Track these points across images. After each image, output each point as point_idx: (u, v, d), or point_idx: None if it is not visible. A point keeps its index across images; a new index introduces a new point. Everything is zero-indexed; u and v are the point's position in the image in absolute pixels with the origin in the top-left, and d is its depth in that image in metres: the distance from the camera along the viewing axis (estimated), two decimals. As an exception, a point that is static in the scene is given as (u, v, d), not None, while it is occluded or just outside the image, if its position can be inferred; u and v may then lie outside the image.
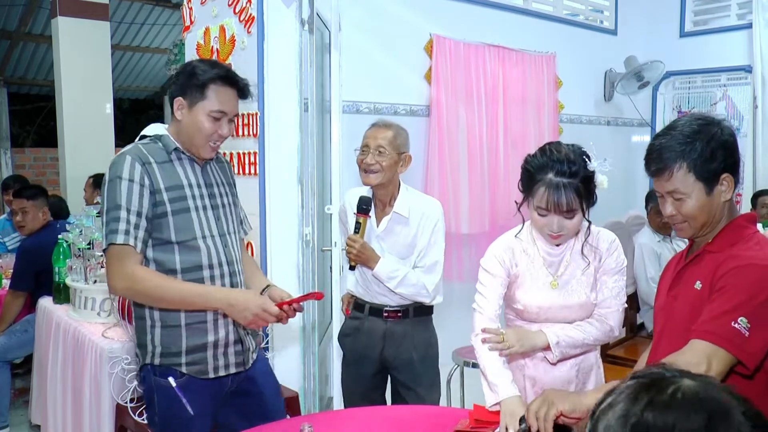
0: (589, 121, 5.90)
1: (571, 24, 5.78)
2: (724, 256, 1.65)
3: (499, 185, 5.02)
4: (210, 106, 2.01)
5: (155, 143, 2.05)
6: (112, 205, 1.91)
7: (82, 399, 2.89)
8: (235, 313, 1.95)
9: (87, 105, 6.56)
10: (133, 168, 1.93)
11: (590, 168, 1.95)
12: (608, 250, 2.08)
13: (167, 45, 9.16)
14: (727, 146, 1.66)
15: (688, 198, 1.69)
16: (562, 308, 2.09)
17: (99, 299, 3.15)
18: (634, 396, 0.91)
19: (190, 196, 2.03)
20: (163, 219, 1.97)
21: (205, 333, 2.05)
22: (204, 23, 3.33)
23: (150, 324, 2.04)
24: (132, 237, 1.90)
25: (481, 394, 2.04)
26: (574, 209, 1.94)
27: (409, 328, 2.70)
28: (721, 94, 6.34)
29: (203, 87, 2.00)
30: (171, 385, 2.02)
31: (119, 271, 1.92)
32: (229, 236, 2.14)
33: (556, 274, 2.09)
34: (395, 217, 2.65)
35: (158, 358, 2.04)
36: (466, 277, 4.88)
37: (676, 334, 1.73)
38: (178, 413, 2.03)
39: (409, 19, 4.50)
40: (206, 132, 2.02)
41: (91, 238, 3.27)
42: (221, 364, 2.09)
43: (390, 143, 2.60)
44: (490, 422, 1.91)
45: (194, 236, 2.02)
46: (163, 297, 1.94)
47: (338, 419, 2.17)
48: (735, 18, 6.01)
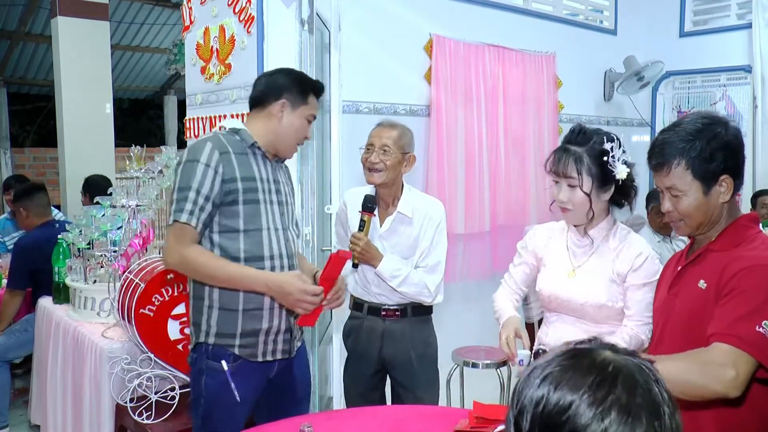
0: (588, 121, 5.89)
1: (571, 24, 5.78)
2: (729, 256, 1.64)
3: (499, 185, 5.02)
4: (309, 110, 2.23)
5: (233, 135, 2.17)
6: (185, 185, 2.03)
7: (81, 399, 2.89)
8: (279, 297, 2.06)
9: (87, 105, 6.55)
10: (212, 154, 2.05)
11: (605, 147, 1.98)
12: (636, 262, 2.05)
13: (167, 45, 9.17)
14: (729, 147, 1.66)
15: (684, 196, 1.69)
16: (572, 301, 2.11)
17: (99, 299, 3.15)
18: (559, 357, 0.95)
19: (261, 189, 2.15)
20: (234, 207, 2.08)
21: (260, 320, 2.15)
22: (204, 23, 3.33)
23: (208, 305, 2.14)
24: (195, 218, 2.02)
25: (480, 393, 2.04)
26: (573, 177, 2.01)
27: (408, 327, 2.71)
28: (720, 94, 6.34)
29: (305, 94, 2.22)
30: (223, 369, 2.11)
31: (175, 247, 2.03)
32: (290, 231, 2.26)
33: (576, 265, 2.14)
34: (399, 217, 2.66)
35: (213, 338, 2.13)
36: (465, 278, 4.88)
37: (678, 332, 1.74)
38: (225, 399, 2.11)
39: (408, 19, 4.50)
40: (301, 133, 2.24)
41: (91, 238, 3.26)
42: (270, 349, 2.19)
43: (395, 143, 2.61)
44: (490, 420, 1.91)
45: (260, 227, 2.13)
46: (209, 275, 2.05)
47: (338, 419, 2.17)
48: (735, 18, 6.01)
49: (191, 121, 3.51)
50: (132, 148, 3.41)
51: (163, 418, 2.58)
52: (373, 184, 2.65)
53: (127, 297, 2.70)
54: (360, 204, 2.66)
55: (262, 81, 2.27)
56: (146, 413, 2.58)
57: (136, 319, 2.63)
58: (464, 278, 4.86)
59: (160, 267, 2.73)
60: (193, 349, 2.18)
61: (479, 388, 3.40)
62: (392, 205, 2.68)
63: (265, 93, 2.22)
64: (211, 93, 3.32)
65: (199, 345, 2.15)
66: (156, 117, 12.54)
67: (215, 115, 3.30)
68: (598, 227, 2.12)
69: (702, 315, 1.65)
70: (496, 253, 5.09)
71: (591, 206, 2.04)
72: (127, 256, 3.04)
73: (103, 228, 3.23)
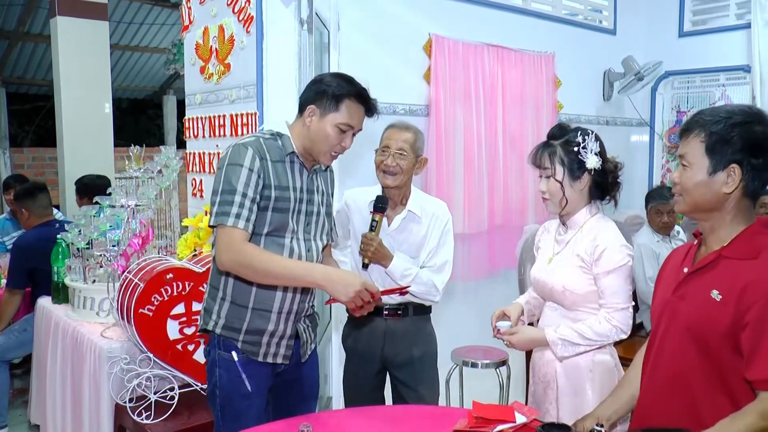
0: (588, 120, 5.89)
1: (570, 24, 5.78)
2: (749, 271, 1.60)
3: (497, 185, 5.02)
4: (341, 118, 2.13)
5: (275, 140, 2.15)
6: (228, 188, 2.01)
7: (81, 399, 2.90)
8: (338, 288, 1.99)
9: (86, 104, 6.55)
10: (254, 160, 2.04)
11: (578, 139, 2.18)
12: (595, 253, 2.17)
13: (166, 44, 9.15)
14: (752, 141, 1.62)
15: (690, 168, 1.68)
16: (547, 286, 2.27)
17: (98, 299, 3.15)
18: None
19: (292, 199, 2.13)
20: (264, 212, 2.08)
21: (267, 321, 2.15)
22: (203, 23, 3.33)
23: (221, 296, 2.16)
24: (243, 220, 2.00)
25: (479, 393, 2.05)
26: (548, 167, 2.21)
27: (409, 326, 2.72)
28: (719, 94, 6.34)
29: (338, 100, 2.12)
30: (234, 359, 2.13)
31: (228, 247, 2.00)
32: (314, 241, 2.22)
33: (555, 252, 2.30)
34: (410, 215, 2.67)
35: (220, 329, 2.15)
36: (464, 277, 4.88)
37: (683, 336, 1.71)
38: (239, 388, 2.13)
39: (408, 19, 4.50)
40: (332, 141, 2.14)
41: (90, 238, 3.26)
42: (272, 352, 2.18)
43: (410, 146, 2.63)
44: (489, 420, 1.91)
45: (283, 234, 2.13)
46: (268, 270, 2.00)
47: (337, 419, 2.17)
48: (734, 18, 6.01)
49: (190, 120, 3.51)
50: (131, 148, 3.41)
51: (163, 418, 2.59)
52: (386, 186, 2.64)
53: (126, 297, 2.70)
54: (364, 205, 2.67)
55: (308, 84, 2.23)
56: (145, 413, 2.59)
57: (135, 319, 2.63)
58: (463, 278, 4.86)
59: (159, 267, 2.73)
60: (209, 341, 2.20)
61: (478, 387, 3.40)
62: (401, 204, 2.69)
63: (304, 97, 2.18)
64: (211, 93, 3.32)
65: (211, 335, 2.18)
66: (155, 117, 12.53)
67: (214, 114, 3.30)
68: (574, 218, 2.25)
69: (714, 326, 1.63)
70: (494, 252, 5.10)
71: (564, 194, 2.20)
72: (127, 256, 3.05)
73: (102, 228, 3.24)
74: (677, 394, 1.73)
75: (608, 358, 2.24)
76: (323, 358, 3.41)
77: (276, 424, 2.06)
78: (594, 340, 2.15)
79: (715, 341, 1.63)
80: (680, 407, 1.72)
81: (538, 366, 2.33)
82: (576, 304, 2.22)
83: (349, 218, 2.76)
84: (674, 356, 1.74)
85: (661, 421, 1.75)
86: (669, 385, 1.75)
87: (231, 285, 2.14)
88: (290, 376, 2.28)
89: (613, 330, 2.15)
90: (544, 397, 2.29)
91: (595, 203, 2.27)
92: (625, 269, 2.16)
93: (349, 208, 2.77)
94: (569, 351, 2.17)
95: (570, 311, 2.24)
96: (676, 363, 1.73)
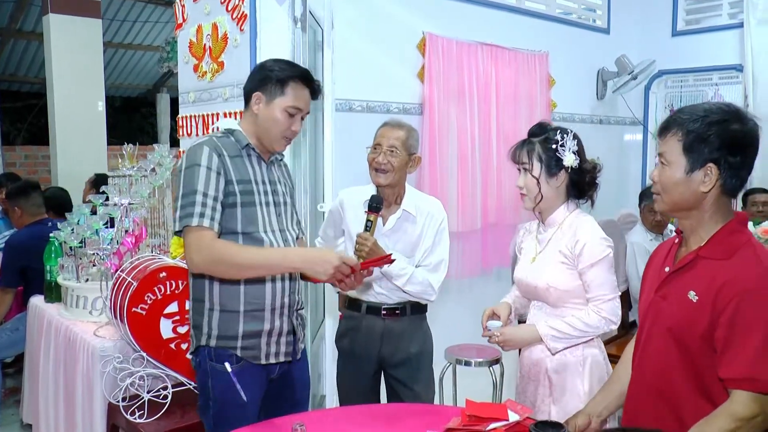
0: (581, 119, 5.91)
1: (564, 23, 5.79)
2: (723, 271, 1.61)
3: (491, 183, 5.03)
4: (288, 102, 2.12)
5: (228, 137, 2.14)
6: (189, 190, 2.00)
7: (74, 398, 2.89)
8: (316, 267, 1.97)
9: (79, 102, 6.53)
10: (211, 158, 2.02)
11: (556, 137, 2.20)
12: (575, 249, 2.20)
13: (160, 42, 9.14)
14: (729, 140, 1.62)
15: (668, 167, 1.69)
16: (530, 285, 2.29)
17: (91, 298, 3.14)
18: None
19: (257, 191, 2.12)
20: (232, 209, 2.06)
21: (261, 321, 2.13)
22: (196, 21, 3.32)
23: (208, 307, 2.11)
24: (207, 218, 1.98)
25: (472, 391, 2.05)
26: (525, 163, 2.24)
27: (407, 325, 2.72)
28: (712, 93, 6.37)
29: (283, 84, 2.11)
30: (227, 370, 2.09)
31: (198, 247, 1.96)
32: (288, 232, 2.22)
33: (537, 251, 2.32)
34: (404, 215, 2.66)
35: (214, 341, 2.11)
36: (458, 275, 4.89)
37: (662, 336, 1.73)
38: (233, 399, 2.10)
39: (401, 17, 4.50)
40: (282, 126, 2.13)
41: (83, 236, 3.25)
42: (272, 351, 2.17)
43: (402, 143, 2.62)
44: (482, 418, 1.91)
45: (257, 229, 2.11)
46: (242, 261, 1.97)
47: (330, 417, 2.17)
48: (726, 17, 6.04)
49: (184, 119, 3.50)
50: (124, 146, 3.40)
51: (156, 417, 2.58)
52: (379, 185, 2.63)
53: (119, 295, 2.69)
54: (358, 204, 2.66)
55: (251, 72, 2.22)
56: (138, 412, 2.58)
57: (128, 318, 2.62)
58: (456, 276, 4.87)
59: (152, 265, 2.72)
60: (195, 353, 2.16)
61: (472, 385, 3.41)
62: (395, 203, 2.68)
63: (249, 86, 2.17)
64: (204, 91, 3.31)
65: (201, 348, 2.13)
66: (149, 115, 12.51)
67: (208, 113, 3.29)
68: (552, 216, 2.29)
69: (691, 327, 1.64)
70: (488, 250, 5.11)
71: (540, 190, 2.24)
72: (120, 255, 3.03)
73: (95, 226, 3.22)
74: (661, 394, 1.75)
75: (597, 351, 2.28)
76: (316, 356, 3.41)
77: (269, 423, 2.06)
78: (585, 331, 2.19)
79: (694, 342, 1.64)
80: (664, 407, 1.74)
81: (527, 365, 2.34)
82: (561, 300, 2.24)
83: (343, 218, 2.75)
84: (657, 356, 1.75)
85: (647, 420, 1.76)
86: (653, 384, 1.77)
87: (217, 292, 2.10)
88: (283, 381, 2.26)
89: (603, 321, 2.18)
90: (535, 394, 2.30)
91: (572, 201, 2.30)
92: (607, 260, 2.20)
93: (343, 208, 2.75)
94: (561, 343, 2.20)
95: (555, 308, 2.26)
96: (659, 363, 1.75)
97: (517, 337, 2.26)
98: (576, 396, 2.20)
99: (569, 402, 2.20)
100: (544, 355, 2.26)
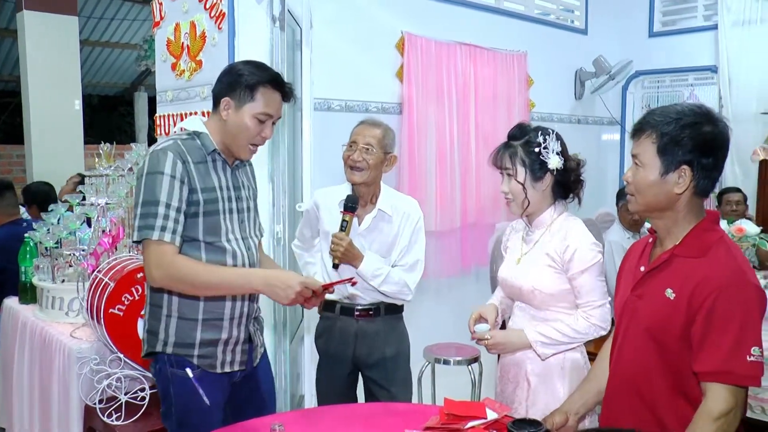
0: (560, 119, 5.96)
1: (542, 23, 5.83)
2: (699, 269, 1.64)
3: (469, 183, 5.05)
4: (258, 108, 2.04)
5: (193, 140, 2.05)
6: (151, 199, 1.92)
7: (49, 400, 2.85)
8: (278, 291, 1.94)
9: (55, 101, 6.46)
10: (175, 165, 1.94)
11: (538, 139, 2.15)
12: (565, 255, 2.17)
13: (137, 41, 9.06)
14: (702, 142, 1.64)
15: (642, 168, 1.71)
16: (515, 287, 2.26)
17: (67, 299, 3.10)
18: None
19: (221, 199, 2.06)
20: (195, 218, 1.99)
21: (219, 330, 2.08)
22: (174, 19, 3.30)
23: (166, 313, 2.06)
24: (169, 232, 1.91)
25: (451, 390, 2.06)
26: (509, 168, 2.19)
27: (381, 326, 2.71)
28: (688, 94, 6.45)
29: (252, 89, 2.03)
30: (188, 376, 2.04)
31: (158, 262, 1.92)
32: (251, 239, 2.17)
33: (523, 252, 2.28)
34: (380, 214, 2.66)
35: (171, 348, 2.05)
36: (437, 275, 4.91)
37: (639, 336, 1.75)
38: (196, 405, 2.05)
39: (380, 17, 4.50)
40: (251, 133, 2.05)
41: (59, 237, 3.22)
42: (228, 360, 2.12)
43: (378, 142, 2.61)
44: (461, 417, 1.92)
45: (220, 238, 2.05)
46: (203, 282, 1.93)
47: (309, 418, 2.17)
48: (702, 19, 6.11)
49: (162, 118, 3.47)
50: (101, 145, 3.37)
51: (133, 419, 2.56)
52: (354, 183, 2.63)
53: (96, 296, 2.67)
54: (333, 204, 2.65)
55: (220, 75, 2.11)
56: (116, 414, 2.56)
57: (105, 319, 2.60)
58: (435, 275, 4.89)
59: (130, 266, 2.70)
60: (154, 359, 2.10)
61: (451, 384, 3.42)
62: (371, 203, 2.68)
63: (217, 89, 2.08)
64: (182, 90, 3.29)
65: (159, 355, 2.07)
66: (126, 114, 12.39)
67: (186, 112, 3.27)
68: (540, 218, 2.25)
69: (669, 324, 1.66)
70: (467, 250, 5.13)
71: (526, 196, 2.19)
72: (96, 255, 3.00)
73: (71, 226, 3.19)
74: (639, 393, 1.76)
75: (579, 356, 2.26)
76: (295, 356, 3.40)
77: (247, 424, 2.05)
78: (574, 337, 2.17)
79: (672, 340, 1.67)
80: (642, 406, 1.76)
81: (507, 367, 2.33)
82: (545, 303, 2.22)
83: (319, 218, 2.74)
84: (634, 355, 1.77)
85: (625, 419, 1.78)
86: (631, 384, 1.79)
87: (176, 300, 2.04)
88: (246, 386, 2.22)
89: (592, 327, 2.16)
90: (513, 396, 2.29)
91: (560, 202, 2.26)
92: (597, 267, 2.18)
93: (319, 208, 2.75)
94: (550, 350, 2.18)
95: (539, 311, 2.24)
96: (637, 362, 1.76)
97: (507, 343, 2.22)
98: (555, 399, 2.19)
99: (548, 405, 2.20)
100: (525, 357, 2.25)
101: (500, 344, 2.23)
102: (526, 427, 1.63)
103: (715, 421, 1.57)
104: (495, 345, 2.23)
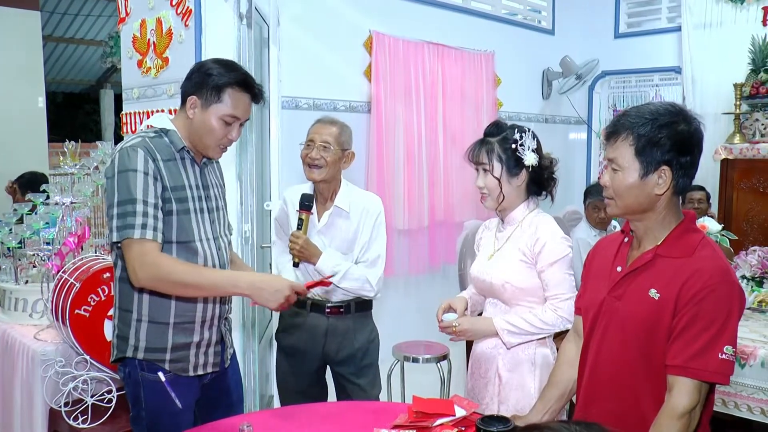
0: (527, 118, 6.01)
1: (510, 23, 5.88)
2: (686, 269, 1.64)
3: (437, 181, 5.08)
4: (224, 110, 2.00)
5: (161, 138, 2.02)
6: (127, 198, 1.88)
7: (11, 405, 2.81)
8: (266, 295, 1.93)
9: (17, 98, 6.34)
10: (147, 162, 1.91)
11: (515, 136, 2.21)
12: (535, 248, 2.22)
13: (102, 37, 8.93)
14: (679, 141, 1.64)
15: (621, 172, 1.69)
16: (486, 282, 2.30)
17: (31, 300, 3.05)
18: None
19: (191, 198, 2.02)
20: (168, 217, 1.96)
21: (191, 333, 2.06)
22: (140, 15, 3.26)
23: (136, 318, 2.01)
24: (150, 229, 1.88)
25: (420, 388, 2.07)
26: (485, 163, 2.24)
27: (351, 323, 2.73)
28: (653, 94, 6.55)
29: (220, 90, 1.99)
30: (160, 380, 2.01)
31: (142, 262, 1.86)
32: (221, 239, 2.15)
33: (495, 248, 2.33)
34: (336, 211, 2.67)
35: (142, 353, 2.01)
36: (405, 272, 4.93)
37: (621, 338, 1.73)
38: (167, 408, 2.02)
39: (348, 15, 4.50)
40: (217, 135, 2.02)
41: (23, 237, 3.16)
42: (201, 362, 2.10)
43: (335, 139, 2.63)
44: (429, 415, 1.93)
45: (192, 238, 2.02)
46: (189, 282, 1.90)
47: (277, 417, 2.16)
48: (666, 21, 6.21)
49: (128, 115, 3.43)
50: (66, 144, 3.32)
51: (100, 422, 2.53)
52: (312, 180, 2.65)
53: (61, 297, 2.63)
54: (296, 202, 2.66)
55: (189, 72, 2.07)
56: (82, 417, 2.53)
57: (71, 320, 2.56)
58: (403, 273, 4.91)
59: (96, 266, 2.67)
60: (123, 364, 2.06)
61: (419, 382, 3.44)
62: (330, 200, 2.70)
63: (185, 87, 2.04)
64: (149, 87, 3.25)
65: (129, 360, 2.03)
66: (92, 111, 12.20)
67: (152, 109, 3.23)
68: (512, 214, 2.30)
69: (654, 325, 1.66)
70: (435, 248, 5.16)
71: (501, 191, 2.24)
72: (62, 255, 2.96)
73: (35, 226, 3.14)
74: (619, 396, 1.75)
75: (548, 352, 2.29)
76: (264, 356, 3.39)
77: (215, 425, 2.04)
78: (541, 328, 2.20)
79: (658, 341, 1.66)
80: (622, 409, 1.74)
81: (479, 362, 2.36)
82: (515, 298, 2.25)
83: (288, 215, 2.76)
84: (614, 357, 1.76)
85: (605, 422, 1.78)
86: (610, 385, 1.77)
87: (147, 303, 2.00)
88: (216, 386, 2.21)
89: (559, 320, 2.20)
90: (485, 392, 2.32)
91: (533, 199, 2.31)
92: (566, 260, 2.22)
93: (288, 206, 2.77)
94: (517, 338, 2.22)
95: (510, 306, 2.27)
96: (618, 363, 1.75)
97: (474, 328, 2.27)
98: (526, 395, 2.22)
99: (519, 400, 2.22)
100: (496, 353, 2.28)
101: (468, 331, 2.27)
102: (495, 424, 1.64)
103: (680, 419, 1.59)
104: (463, 332, 2.26)
